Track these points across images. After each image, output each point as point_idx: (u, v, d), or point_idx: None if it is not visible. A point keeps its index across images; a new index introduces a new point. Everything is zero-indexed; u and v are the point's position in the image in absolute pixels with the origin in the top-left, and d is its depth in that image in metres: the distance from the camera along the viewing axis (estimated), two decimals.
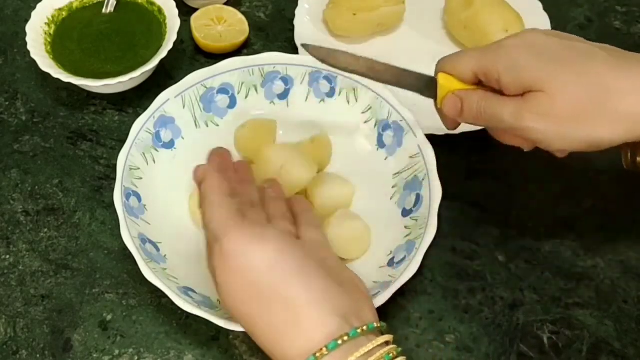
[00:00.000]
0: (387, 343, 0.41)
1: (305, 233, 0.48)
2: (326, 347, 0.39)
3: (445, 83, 0.52)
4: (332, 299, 0.41)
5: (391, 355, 0.40)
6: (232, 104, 0.63)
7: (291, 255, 0.42)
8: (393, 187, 0.59)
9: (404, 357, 0.41)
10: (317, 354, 0.39)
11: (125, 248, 0.53)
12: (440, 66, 0.52)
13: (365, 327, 0.40)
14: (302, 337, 0.40)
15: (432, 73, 0.53)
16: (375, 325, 0.42)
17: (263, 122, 0.62)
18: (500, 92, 0.49)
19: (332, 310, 0.40)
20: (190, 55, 0.73)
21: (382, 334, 0.42)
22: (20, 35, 0.73)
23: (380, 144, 0.61)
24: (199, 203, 0.46)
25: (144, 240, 0.54)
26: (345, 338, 0.39)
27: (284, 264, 0.42)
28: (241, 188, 0.50)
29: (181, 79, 0.61)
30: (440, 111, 0.53)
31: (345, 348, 0.39)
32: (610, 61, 0.47)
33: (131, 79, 0.64)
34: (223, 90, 0.63)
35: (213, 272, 0.44)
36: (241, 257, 0.42)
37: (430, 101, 0.54)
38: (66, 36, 0.69)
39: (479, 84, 0.51)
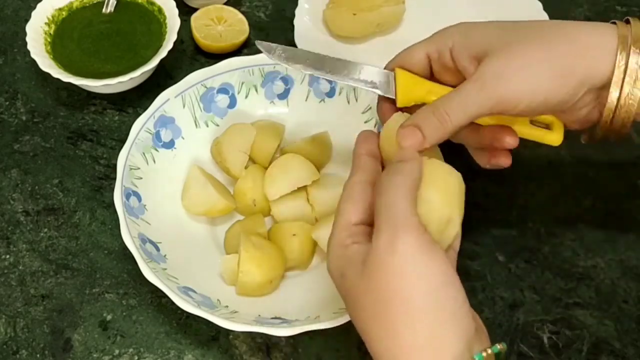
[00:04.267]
0: None
1: None
2: None
3: (403, 79, 0.50)
4: (467, 329, 0.39)
5: None
6: (232, 104, 0.63)
7: (452, 284, 0.39)
8: None
9: None
10: None
11: (125, 248, 0.53)
12: (394, 62, 0.51)
13: (489, 350, 0.39)
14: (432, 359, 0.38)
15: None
16: (499, 347, 0.40)
17: (272, 124, 0.62)
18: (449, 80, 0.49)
19: (464, 337, 0.39)
20: (190, 55, 0.73)
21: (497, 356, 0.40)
22: (20, 35, 0.73)
23: None
24: (387, 173, 0.42)
25: (144, 240, 0.54)
26: None
27: (444, 292, 0.39)
28: None
29: (181, 79, 0.61)
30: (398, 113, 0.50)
31: None
32: (545, 22, 0.48)
33: (131, 79, 0.64)
34: (223, 90, 0.63)
35: (362, 258, 0.40)
36: (409, 268, 0.38)
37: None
38: (66, 36, 0.69)
39: (431, 78, 0.50)
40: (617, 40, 0.45)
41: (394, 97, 0.50)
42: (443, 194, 0.43)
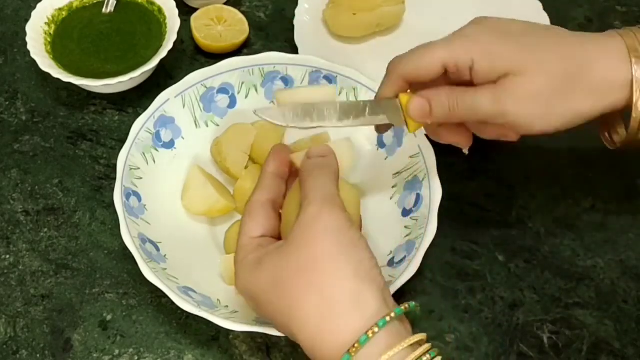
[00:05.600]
0: (419, 343, 0.41)
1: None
2: (377, 324, 0.39)
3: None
4: (382, 285, 0.42)
5: (427, 358, 0.40)
6: (232, 103, 0.63)
7: (365, 248, 0.43)
8: (393, 187, 0.59)
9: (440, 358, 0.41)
10: (369, 333, 0.39)
11: (125, 248, 0.53)
12: (399, 67, 0.49)
13: (407, 305, 0.42)
14: (357, 316, 0.40)
15: None
16: (402, 309, 0.42)
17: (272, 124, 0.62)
18: (465, 84, 0.48)
19: (381, 292, 0.41)
20: (190, 55, 0.73)
21: (409, 315, 0.43)
22: (20, 35, 0.73)
23: (380, 144, 0.61)
24: (313, 166, 0.47)
25: (144, 240, 0.54)
26: (393, 314, 0.40)
27: (359, 253, 0.42)
28: None
29: (181, 79, 0.61)
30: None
31: (394, 329, 0.40)
32: (574, 34, 0.48)
33: (131, 79, 0.64)
34: (223, 90, 0.63)
35: (277, 245, 0.44)
36: (332, 232, 0.42)
37: None
38: (66, 36, 0.69)
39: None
40: (630, 64, 0.46)
41: (403, 125, 0.50)
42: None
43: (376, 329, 0.39)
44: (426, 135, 0.58)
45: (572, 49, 0.47)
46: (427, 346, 0.41)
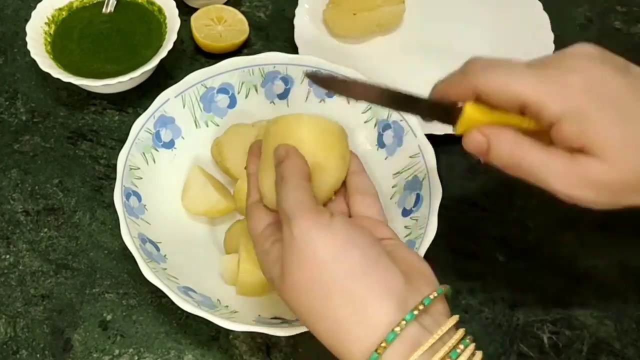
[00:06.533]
0: (455, 327, 0.39)
1: (360, 209, 0.49)
2: (385, 340, 0.37)
3: (474, 115, 0.43)
4: (390, 285, 0.39)
5: (458, 350, 0.38)
6: (232, 103, 0.63)
7: (355, 245, 0.41)
8: (393, 187, 0.59)
9: (474, 344, 0.39)
10: (379, 350, 0.37)
11: (125, 248, 0.53)
12: (475, 80, 0.43)
13: (421, 306, 0.39)
14: (364, 332, 0.39)
15: (435, 76, 0.45)
16: (431, 297, 0.39)
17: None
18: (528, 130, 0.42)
19: (391, 296, 0.39)
20: (190, 55, 0.73)
21: (447, 299, 0.41)
22: (20, 35, 0.73)
23: (380, 143, 0.61)
24: (276, 181, 0.45)
25: (144, 240, 0.54)
26: (403, 323, 0.38)
27: (348, 255, 0.40)
28: None
29: (181, 78, 0.61)
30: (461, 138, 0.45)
31: (408, 337, 0.38)
32: None
33: (131, 78, 0.64)
34: (223, 90, 0.63)
35: (279, 258, 0.42)
36: (308, 247, 0.40)
37: None
38: (66, 36, 0.69)
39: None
40: None
41: (450, 125, 0.45)
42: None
43: (384, 344, 0.37)
44: (426, 135, 0.58)
45: None
46: (457, 337, 0.38)
